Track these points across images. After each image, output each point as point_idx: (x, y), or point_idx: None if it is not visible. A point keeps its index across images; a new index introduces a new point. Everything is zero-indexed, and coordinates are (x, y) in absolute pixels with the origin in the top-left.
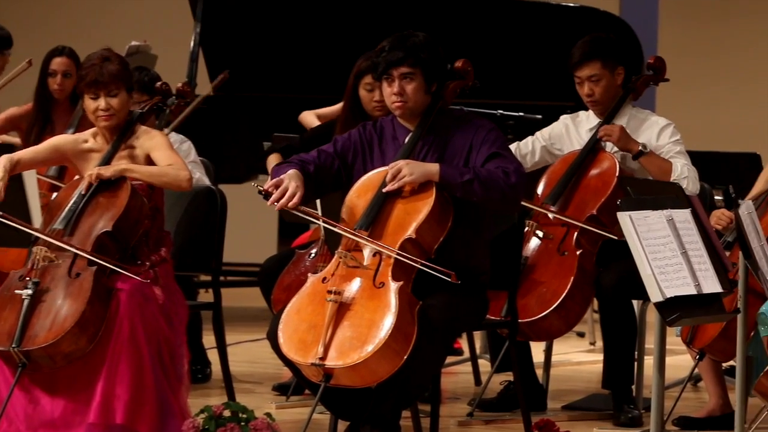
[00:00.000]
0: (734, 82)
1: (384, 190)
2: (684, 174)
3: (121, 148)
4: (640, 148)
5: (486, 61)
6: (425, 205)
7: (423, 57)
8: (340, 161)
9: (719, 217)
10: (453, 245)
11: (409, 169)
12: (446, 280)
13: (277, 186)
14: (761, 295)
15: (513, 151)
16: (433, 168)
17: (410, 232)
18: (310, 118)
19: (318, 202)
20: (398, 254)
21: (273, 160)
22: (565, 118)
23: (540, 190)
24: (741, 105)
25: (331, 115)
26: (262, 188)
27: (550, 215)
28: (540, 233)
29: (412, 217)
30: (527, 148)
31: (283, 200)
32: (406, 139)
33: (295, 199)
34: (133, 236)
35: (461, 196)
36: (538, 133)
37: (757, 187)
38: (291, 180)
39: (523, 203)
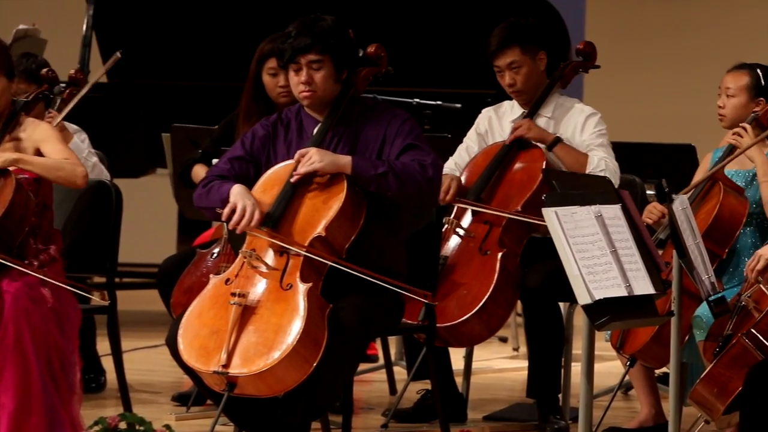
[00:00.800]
0: (668, 68)
1: (292, 180)
2: (600, 167)
3: (5, 140)
4: (555, 136)
5: (400, 46)
6: (336, 201)
7: (332, 43)
8: (254, 164)
9: (650, 211)
10: (365, 244)
11: (318, 156)
12: (363, 279)
13: (233, 209)
14: (696, 297)
15: (454, 166)
16: (345, 160)
17: (320, 229)
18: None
19: None
20: (307, 253)
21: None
22: (487, 111)
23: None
24: (675, 93)
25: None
26: (221, 216)
27: (469, 211)
28: (460, 231)
29: (322, 213)
30: (462, 159)
31: (245, 222)
32: (315, 131)
33: (257, 215)
34: (19, 234)
35: (375, 191)
36: (467, 139)
37: (695, 181)
38: (242, 198)
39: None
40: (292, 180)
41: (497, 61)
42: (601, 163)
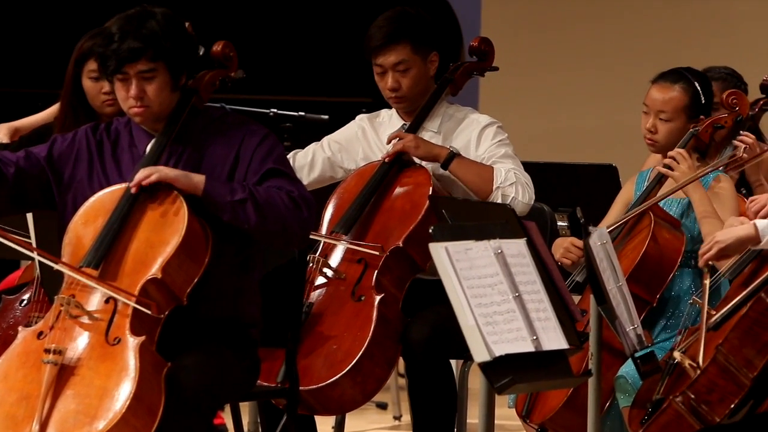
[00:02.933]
0: (584, 71)
1: (132, 191)
2: (510, 180)
3: None
4: (449, 150)
5: (254, 45)
6: (174, 234)
7: (166, 46)
8: (52, 172)
9: (567, 249)
10: (211, 288)
11: (168, 170)
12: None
13: None
14: (620, 353)
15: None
16: (197, 179)
17: (155, 270)
18: None
19: (31, 227)
20: (138, 303)
21: None
22: (361, 120)
23: (328, 214)
24: (590, 102)
25: (40, 123)
26: None
27: (340, 247)
28: (328, 271)
29: (158, 250)
30: (305, 159)
31: None
32: (148, 148)
33: None
34: None
35: (229, 221)
36: (325, 140)
37: (614, 212)
38: None
39: None
40: (132, 191)
41: (380, 59)
42: (510, 174)
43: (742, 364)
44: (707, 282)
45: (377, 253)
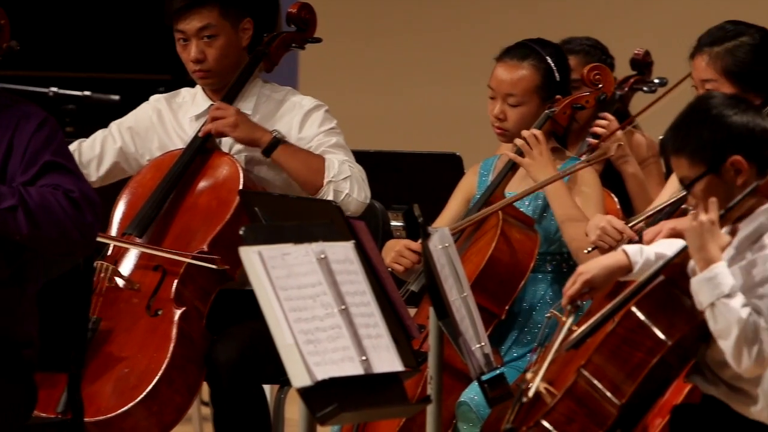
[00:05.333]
0: (420, 45)
1: None
2: (344, 173)
3: None
4: (274, 135)
5: (31, 12)
6: None
7: None
8: None
9: (399, 253)
10: None
11: None
12: None
13: None
14: (464, 376)
15: None
16: None
17: None
18: None
19: None
20: None
21: None
22: (156, 101)
23: (119, 213)
24: (431, 81)
25: None
26: None
27: (133, 252)
28: (119, 281)
29: None
30: (92, 152)
31: None
32: None
33: None
34: None
35: None
36: (113, 125)
37: (452, 207)
38: None
39: None
40: None
41: (182, 25)
42: (344, 167)
43: (609, 390)
44: (568, 322)
45: (178, 258)
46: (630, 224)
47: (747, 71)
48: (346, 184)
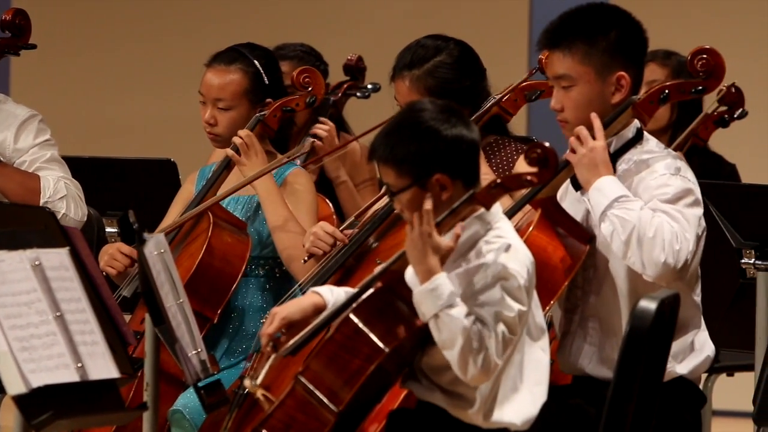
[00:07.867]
0: (135, 52)
1: None
2: (60, 192)
3: None
4: None
5: None
6: None
7: None
8: None
9: (112, 256)
10: None
11: None
12: None
13: None
14: (180, 382)
15: None
16: None
17: None
18: None
19: None
20: None
21: None
22: None
23: None
24: (146, 88)
25: None
26: None
27: None
28: None
29: None
30: None
31: None
32: None
33: None
34: None
35: None
36: None
37: (172, 215)
38: None
39: None
40: None
41: None
42: (60, 186)
43: (326, 396)
44: (253, 389)
45: None
46: (341, 228)
47: (450, 89)
48: (62, 203)
